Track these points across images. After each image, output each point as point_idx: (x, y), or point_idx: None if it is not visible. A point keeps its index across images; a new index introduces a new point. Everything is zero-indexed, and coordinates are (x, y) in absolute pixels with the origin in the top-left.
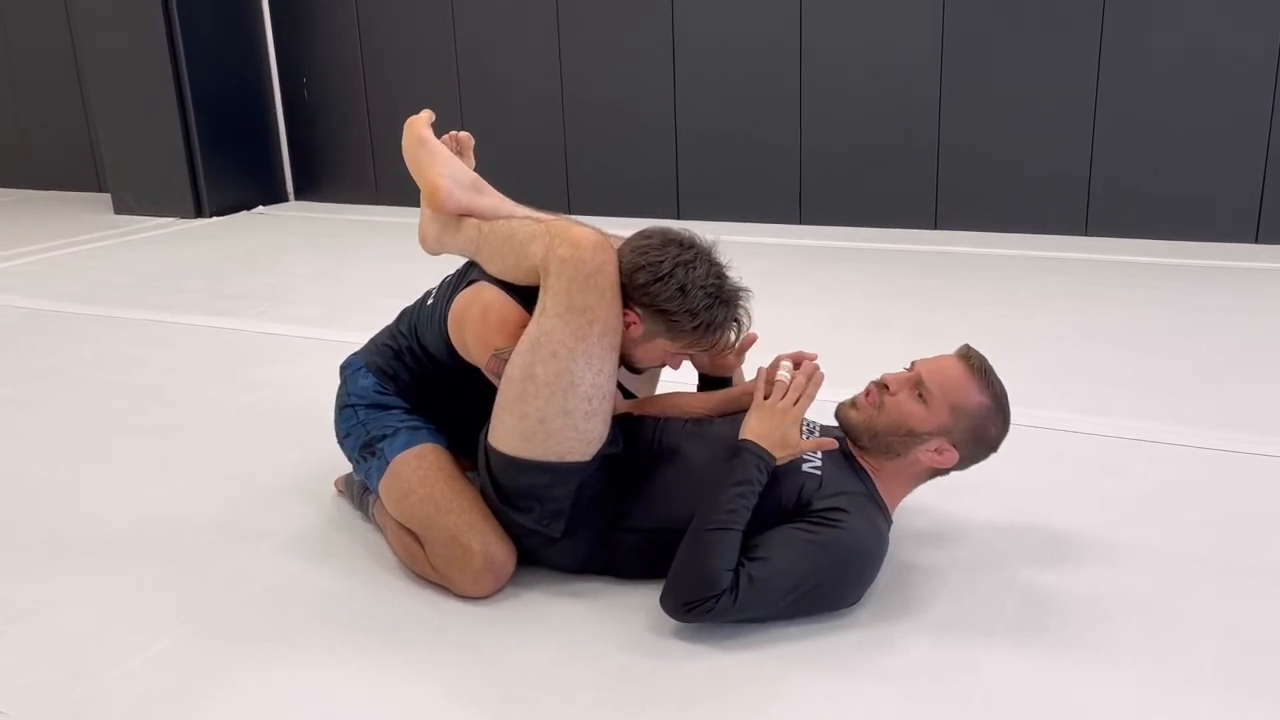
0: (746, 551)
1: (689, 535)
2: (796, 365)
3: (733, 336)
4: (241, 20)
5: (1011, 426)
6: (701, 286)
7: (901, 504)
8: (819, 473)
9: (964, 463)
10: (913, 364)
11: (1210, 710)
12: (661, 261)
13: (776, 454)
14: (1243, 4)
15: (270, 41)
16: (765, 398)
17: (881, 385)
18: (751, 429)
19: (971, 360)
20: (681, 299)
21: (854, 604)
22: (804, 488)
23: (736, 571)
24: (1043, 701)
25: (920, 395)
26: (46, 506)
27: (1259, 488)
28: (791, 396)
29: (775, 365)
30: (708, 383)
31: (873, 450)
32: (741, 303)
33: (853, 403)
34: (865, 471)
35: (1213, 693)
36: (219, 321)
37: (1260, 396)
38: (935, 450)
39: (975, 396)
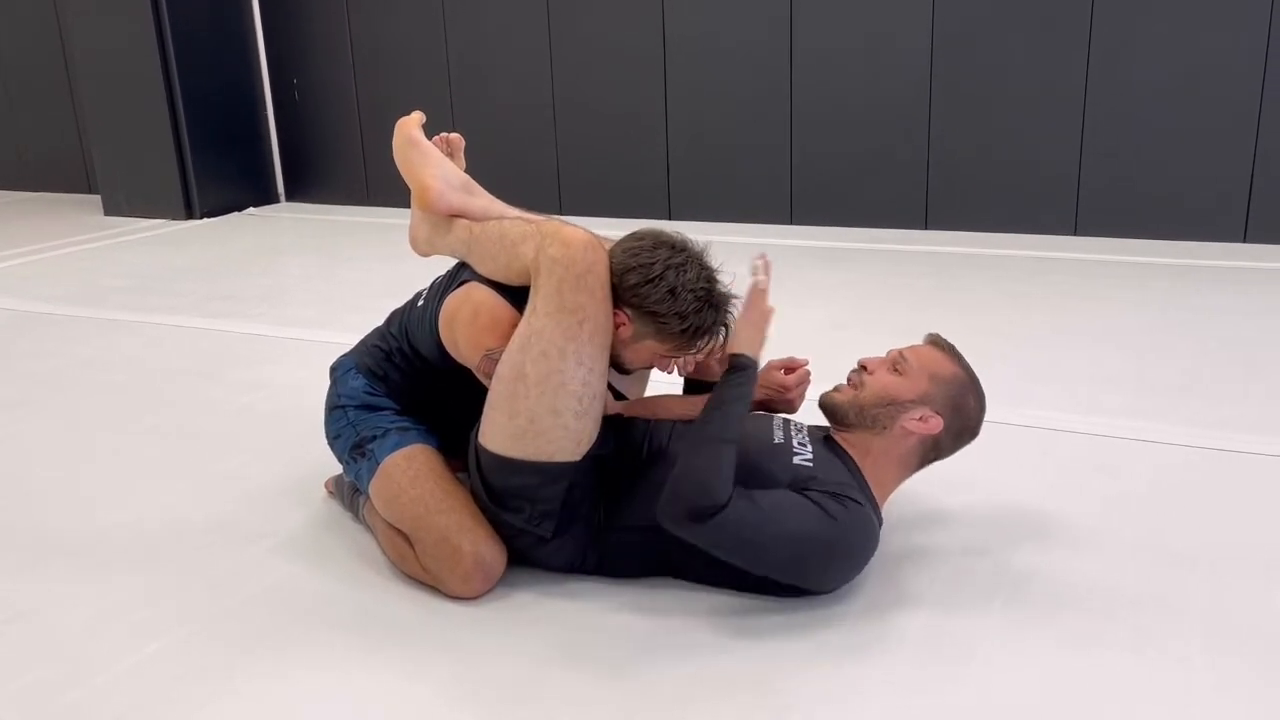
0: (755, 490)
1: (692, 445)
2: (789, 371)
3: (721, 340)
4: (232, 21)
5: (1002, 425)
6: (691, 290)
7: (893, 497)
8: (810, 464)
9: (948, 436)
10: (888, 352)
11: (1200, 701)
12: (652, 264)
13: (758, 353)
14: (1230, 4)
15: (261, 42)
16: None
17: (860, 368)
18: (744, 342)
19: (941, 343)
20: (671, 301)
21: (830, 591)
22: (795, 480)
23: (733, 495)
24: (1036, 694)
25: (898, 370)
26: (43, 507)
27: (1250, 486)
28: (766, 297)
29: (757, 280)
30: (692, 385)
31: (859, 425)
32: (731, 307)
33: (835, 388)
34: (853, 462)
35: (1203, 685)
36: (213, 323)
37: (1249, 395)
38: (920, 419)
39: (950, 367)
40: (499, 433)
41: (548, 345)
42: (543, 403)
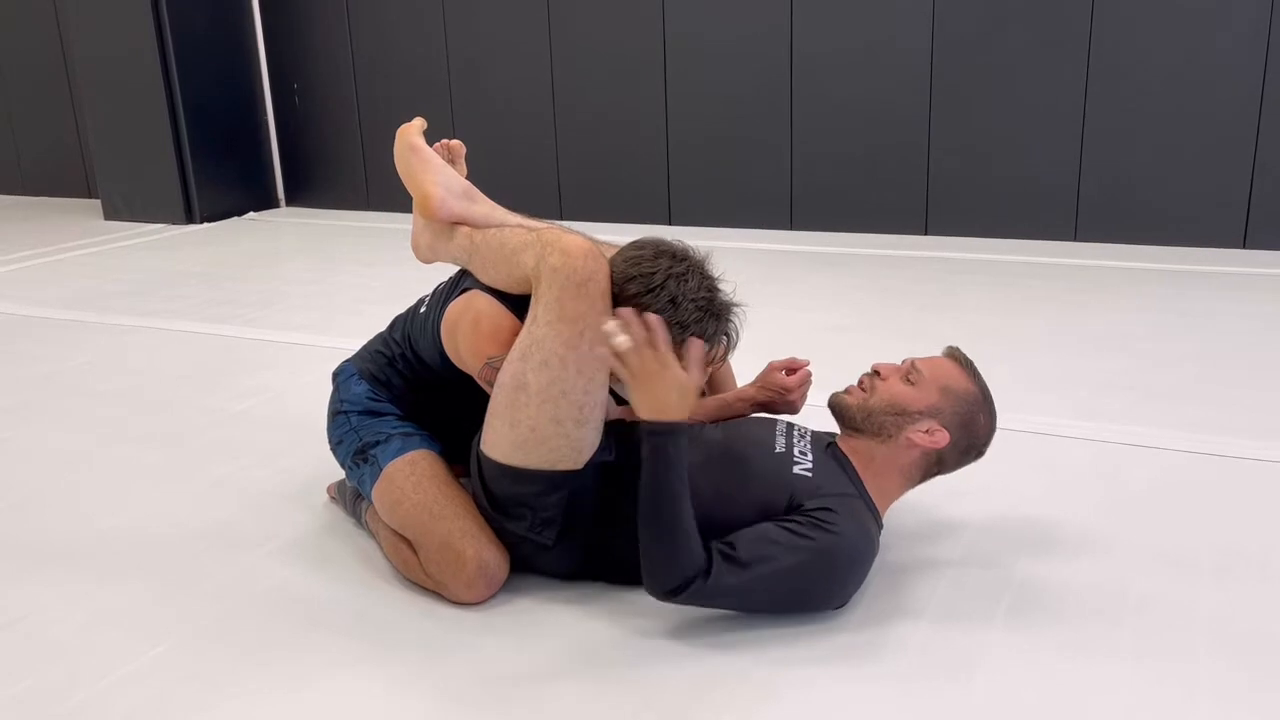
0: (735, 539)
1: (645, 525)
2: (790, 372)
3: (723, 350)
4: (232, 26)
5: (1002, 431)
6: (693, 299)
7: (893, 506)
8: (809, 474)
9: (954, 451)
10: (903, 360)
11: (1204, 706)
12: (654, 273)
13: (675, 414)
14: (1229, 11)
15: (261, 48)
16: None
17: (873, 373)
18: (641, 408)
19: (959, 358)
20: (672, 311)
21: (839, 607)
22: (795, 490)
23: (709, 548)
24: (1039, 700)
25: (911, 380)
26: (40, 512)
27: (1250, 491)
28: (646, 357)
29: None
30: None
31: (866, 431)
32: (732, 316)
33: (846, 390)
34: (855, 471)
35: (1207, 690)
36: (212, 328)
37: (1249, 400)
38: (926, 431)
39: (964, 382)
40: (501, 441)
41: (549, 354)
42: (544, 412)
